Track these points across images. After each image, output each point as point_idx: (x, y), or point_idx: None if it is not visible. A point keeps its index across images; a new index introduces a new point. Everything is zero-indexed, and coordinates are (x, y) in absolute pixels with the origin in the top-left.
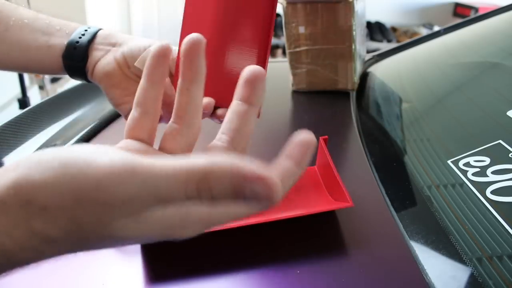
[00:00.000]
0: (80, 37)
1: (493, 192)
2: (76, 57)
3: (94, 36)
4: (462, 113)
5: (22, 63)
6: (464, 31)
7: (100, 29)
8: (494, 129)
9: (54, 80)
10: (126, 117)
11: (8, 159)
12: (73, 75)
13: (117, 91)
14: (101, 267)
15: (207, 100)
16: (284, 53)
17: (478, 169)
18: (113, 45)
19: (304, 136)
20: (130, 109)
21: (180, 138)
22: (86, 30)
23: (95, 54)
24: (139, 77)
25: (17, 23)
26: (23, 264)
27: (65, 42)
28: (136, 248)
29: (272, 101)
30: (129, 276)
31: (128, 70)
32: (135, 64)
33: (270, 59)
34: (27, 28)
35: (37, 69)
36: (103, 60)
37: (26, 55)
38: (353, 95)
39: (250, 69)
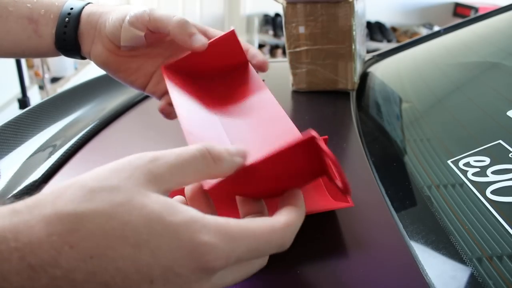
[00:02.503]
0: (65, 26)
1: (493, 192)
2: (69, 47)
3: (78, 21)
4: (462, 113)
5: (18, 52)
6: (464, 31)
7: (83, 8)
8: (494, 129)
9: (54, 80)
10: (141, 89)
11: (8, 160)
12: (72, 57)
13: (120, 74)
14: None
15: None
16: (284, 53)
17: (478, 169)
18: (95, 27)
19: None
20: (143, 83)
21: None
22: (69, 14)
23: (85, 41)
24: (134, 51)
25: (2, 12)
26: None
27: (53, 31)
28: None
29: None
30: None
31: (120, 51)
32: (122, 45)
33: (270, 59)
34: (12, 16)
35: (34, 56)
36: (94, 49)
37: (18, 45)
38: (353, 95)
39: None
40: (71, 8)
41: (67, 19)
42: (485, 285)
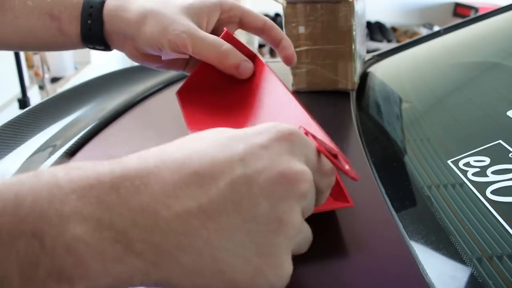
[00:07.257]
0: (90, 29)
1: (493, 192)
2: (98, 44)
3: (101, 21)
4: (462, 113)
5: (44, 48)
6: (464, 31)
7: (103, 6)
8: (494, 129)
9: (54, 80)
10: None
11: (8, 160)
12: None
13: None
14: None
15: None
16: None
17: (478, 169)
18: (124, 33)
19: None
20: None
21: None
22: (90, 15)
23: (114, 42)
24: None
25: (23, 9)
26: None
27: (78, 31)
28: None
29: None
30: None
31: (152, 56)
32: (163, 59)
33: (270, 59)
34: (33, 13)
35: (61, 50)
36: (126, 51)
37: (43, 43)
38: (353, 95)
39: None
40: (91, 7)
41: (89, 21)
42: (485, 285)
